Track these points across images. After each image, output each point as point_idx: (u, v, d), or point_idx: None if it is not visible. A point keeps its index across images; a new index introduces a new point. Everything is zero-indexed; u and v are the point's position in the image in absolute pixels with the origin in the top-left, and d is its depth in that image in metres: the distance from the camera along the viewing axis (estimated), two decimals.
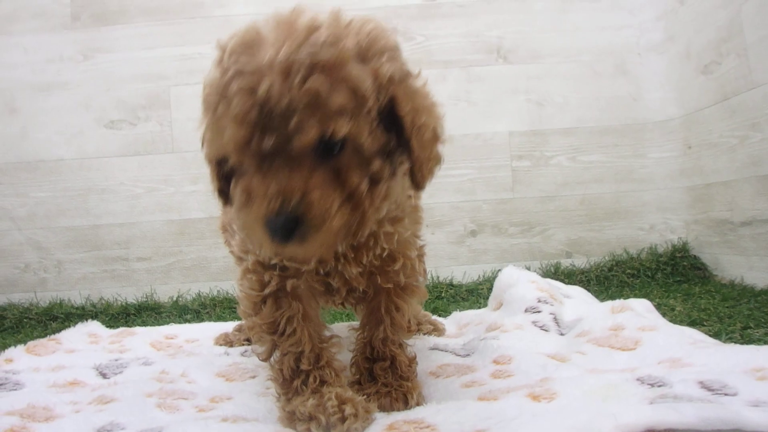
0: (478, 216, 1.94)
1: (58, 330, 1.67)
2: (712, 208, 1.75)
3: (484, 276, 1.89)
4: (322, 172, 0.59)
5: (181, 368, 1.01)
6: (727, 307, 1.35)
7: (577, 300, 1.19)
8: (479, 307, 1.62)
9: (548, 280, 1.36)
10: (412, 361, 0.84)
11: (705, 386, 0.65)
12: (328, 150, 0.59)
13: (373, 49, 0.61)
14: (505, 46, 1.95)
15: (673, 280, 1.74)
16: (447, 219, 1.94)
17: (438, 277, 1.89)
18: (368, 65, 0.60)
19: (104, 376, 1.00)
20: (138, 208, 1.95)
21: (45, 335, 1.63)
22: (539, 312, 1.11)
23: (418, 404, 0.76)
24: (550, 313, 1.10)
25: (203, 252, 1.94)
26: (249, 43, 0.59)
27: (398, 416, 0.68)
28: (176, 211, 1.95)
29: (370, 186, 0.62)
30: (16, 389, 0.96)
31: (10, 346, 1.46)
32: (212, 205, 1.47)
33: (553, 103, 1.94)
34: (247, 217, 0.61)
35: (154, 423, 0.74)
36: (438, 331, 1.15)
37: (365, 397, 0.74)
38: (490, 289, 1.82)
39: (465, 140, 1.94)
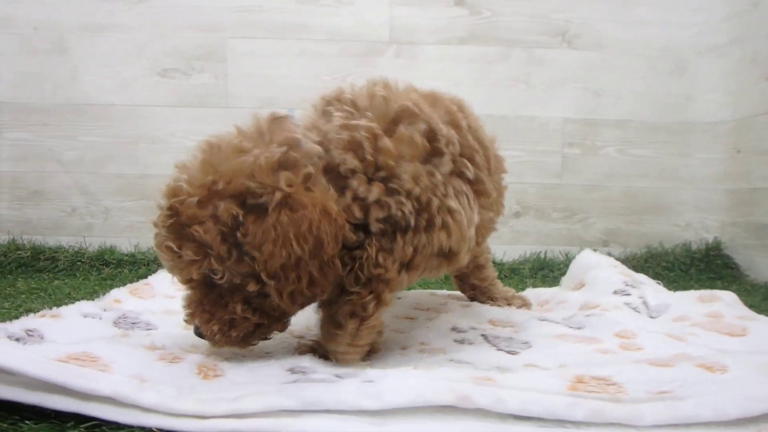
0: (523, 198, 1.99)
1: (113, 275, 1.73)
2: (753, 213, 1.82)
3: (524, 257, 1.96)
4: (211, 296, 0.72)
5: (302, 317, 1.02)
6: None
7: (651, 287, 1.25)
8: (523, 286, 1.69)
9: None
10: None
11: None
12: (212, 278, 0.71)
13: (213, 201, 0.68)
14: (571, 30, 1.94)
15: (706, 276, 1.84)
16: None
17: None
18: (211, 216, 0.68)
19: None
20: None
21: (100, 279, 1.68)
22: (629, 295, 1.16)
23: None
24: (639, 297, 1.15)
25: None
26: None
27: (584, 370, 0.70)
28: None
29: (261, 299, 0.71)
30: (151, 329, 0.98)
31: (68, 287, 1.50)
32: None
33: (609, 94, 1.96)
34: None
35: (339, 369, 0.75)
36: (527, 305, 1.22)
37: None
38: (531, 269, 1.92)
39: (519, 122, 1.96)
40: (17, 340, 0.73)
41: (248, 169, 0.67)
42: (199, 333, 0.74)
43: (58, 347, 0.69)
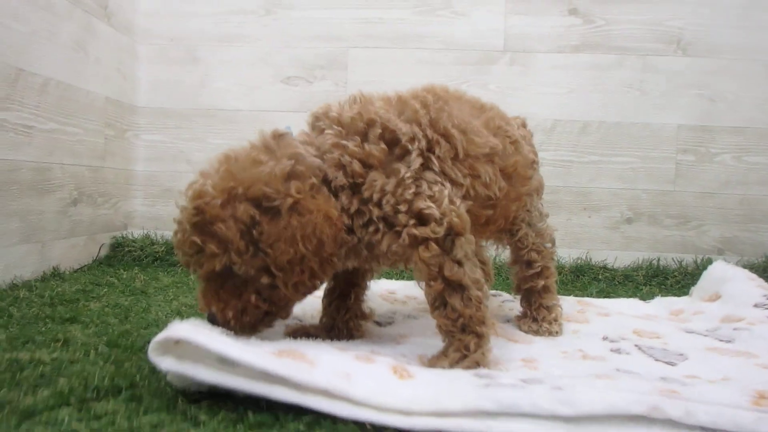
0: (636, 204, 1.99)
1: None
2: None
3: (637, 263, 1.95)
4: (227, 287, 0.80)
5: None
6: None
7: None
8: (639, 294, 1.68)
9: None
10: None
11: None
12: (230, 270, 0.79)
13: (234, 203, 0.77)
14: (686, 37, 1.95)
15: None
16: (605, 204, 1.99)
17: (590, 260, 1.96)
18: (231, 216, 0.76)
19: (379, 324, 1.09)
20: None
21: None
22: None
23: None
24: None
25: None
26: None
27: (761, 385, 0.71)
28: None
29: (270, 290, 0.79)
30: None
31: (189, 282, 1.59)
32: None
33: (725, 101, 1.95)
34: None
35: (524, 375, 0.78)
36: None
37: None
38: (645, 277, 1.90)
39: (632, 129, 1.97)
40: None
41: (265, 178, 0.78)
42: (213, 319, 0.81)
43: (269, 343, 0.76)
